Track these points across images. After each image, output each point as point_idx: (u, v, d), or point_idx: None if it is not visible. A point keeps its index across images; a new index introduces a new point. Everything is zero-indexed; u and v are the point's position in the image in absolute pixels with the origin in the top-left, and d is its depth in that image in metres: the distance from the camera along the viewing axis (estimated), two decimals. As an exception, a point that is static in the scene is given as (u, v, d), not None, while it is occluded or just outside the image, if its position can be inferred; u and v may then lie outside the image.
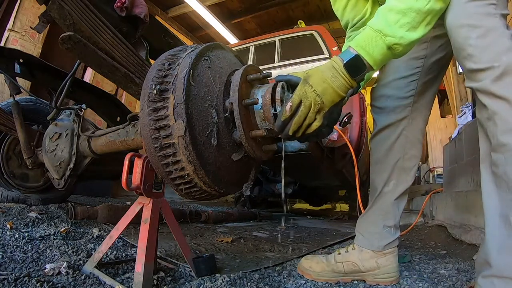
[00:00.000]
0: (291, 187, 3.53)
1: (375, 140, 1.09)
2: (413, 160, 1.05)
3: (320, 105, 0.74)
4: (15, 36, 3.38)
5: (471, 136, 1.91)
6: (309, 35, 3.49)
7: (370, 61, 0.74)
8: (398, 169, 1.03)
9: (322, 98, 0.74)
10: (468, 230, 1.53)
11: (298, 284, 0.98)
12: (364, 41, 0.75)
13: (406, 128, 1.03)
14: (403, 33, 0.72)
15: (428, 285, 0.99)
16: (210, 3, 5.46)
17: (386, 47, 0.73)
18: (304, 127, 0.76)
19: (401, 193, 1.04)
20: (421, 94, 1.03)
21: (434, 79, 1.04)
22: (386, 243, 1.01)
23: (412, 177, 1.06)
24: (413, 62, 1.02)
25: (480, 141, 0.80)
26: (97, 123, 1.66)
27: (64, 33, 0.93)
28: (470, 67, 0.74)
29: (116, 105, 1.86)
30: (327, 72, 0.75)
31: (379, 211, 1.04)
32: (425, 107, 1.06)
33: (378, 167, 1.07)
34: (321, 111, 0.75)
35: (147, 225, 0.84)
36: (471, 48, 0.73)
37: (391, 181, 1.03)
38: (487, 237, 0.76)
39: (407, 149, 1.04)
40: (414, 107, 1.03)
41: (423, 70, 1.02)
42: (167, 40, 1.58)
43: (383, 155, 1.06)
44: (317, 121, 0.75)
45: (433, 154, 3.74)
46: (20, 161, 1.72)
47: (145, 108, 0.73)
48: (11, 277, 0.77)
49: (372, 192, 1.09)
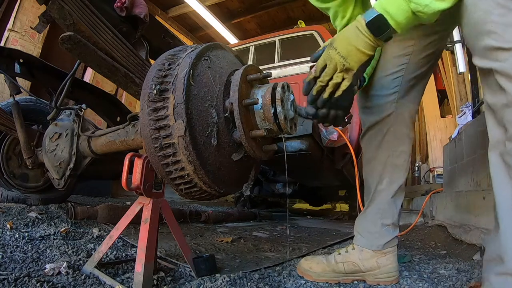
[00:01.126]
0: (291, 187, 3.53)
1: (364, 140, 1.10)
2: (403, 156, 1.04)
3: (346, 66, 0.75)
4: (15, 36, 3.38)
5: (471, 136, 1.91)
6: (309, 35, 3.49)
7: (393, 23, 0.73)
8: (390, 166, 1.03)
9: (347, 59, 0.75)
10: (468, 230, 1.52)
11: (298, 284, 0.98)
12: (387, 2, 0.73)
13: (392, 124, 1.02)
14: (429, 1, 0.69)
15: (428, 285, 0.99)
16: (210, 3, 5.45)
17: (411, 12, 0.71)
18: (332, 86, 0.77)
19: (396, 191, 1.03)
20: (407, 90, 1.03)
21: (422, 75, 1.04)
22: (386, 242, 1.01)
23: (404, 173, 1.06)
24: (399, 60, 1.01)
25: (490, 128, 0.74)
26: (97, 123, 1.66)
27: (64, 33, 0.93)
28: (490, 44, 0.67)
29: (116, 105, 1.86)
30: (350, 33, 0.75)
31: (376, 210, 1.04)
32: (411, 102, 1.05)
33: (370, 166, 1.07)
34: (349, 71, 0.76)
35: (147, 225, 0.84)
36: (492, 24, 0.66)
37: (384, 179, 1.03)
38: (502, 231, 0.70)
39: (396, 146, 1.03)
40: (399, 102, 1.02)
41: (409, 67, 1.01)
42: (167, 40, 1.58)
43: (373, 154, 1.06)
44: (346, 80, 0.76)
45: (433, 154, 3.73)
46: (20, 161, 1.72)
47: (145, 108, 0.73)
48: (11, 277, 0.77)
49: (367, 191, 1.09)
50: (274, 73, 0.90)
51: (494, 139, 0.73)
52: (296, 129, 0.95)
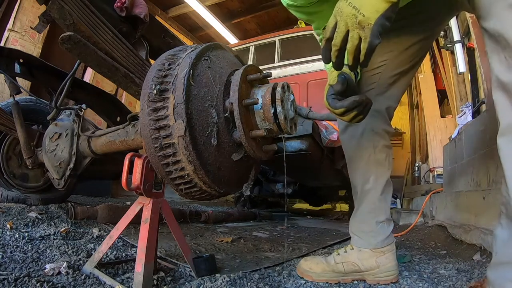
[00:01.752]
0: (291, 187, 3.53)
1: (343, 139, 1.09)
2: (385, 150, 1.03)
3: (360, 19, 0.60)
4: (15, 36, 3.38)
5: (471, 136, 1.91)
6: (309, 35, 3.49)
7: None
8: (373, 163, 1.02)
9: (360, 10, 0.60)
10: (468, 230, 1.52)
11: (298, 284, 0.98)
12: None
13: (369, 121, 0.97)
14: None
15: (428, 285, 0.99)
16: (210, 3, 5.46)
17: None
18: (352, 51, 0.64)
19: (383, 186, 1.02)
20: (386, 86, 1.01)
21: (404, 72, 1.02)
22: (382, 239, 1.01)
23: (388, 167, 1.04)
24: (380, 57, 1.00)
25: (503, 110, 0.64)
26: (97, 123, 1.66)
27: (64, 33, 0.93)
28: None
29: (116, 105, 1.86)
30: None
31: (368, 209, 1.03)
32: (389, 99, 1.03)
33: (353, 165, 1.06)
34: (364, 27, 0.61)
35: (147, 225, 0.84)
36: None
37: (370, 177, 1.02)
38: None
39: (376, 142, 1.02)
40: (376, 99, 0.96)
41: (389, 65, 1.00)
42: (167, 40, 1.58)
43: (354, 152, 1.05)
44: (364, 41, 0.61)
45: (433, 154, 3.72)
46: (20, 161, 1.72)
47: (145, 108, 0.73)
48: (11, 277, 0.77)
49: (353, 191, 1.08)
50: (274, 73, 0.89)
51: (507, 123, 0.63)
52: (296, 129, 0.95)
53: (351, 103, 0.80)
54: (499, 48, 0.62)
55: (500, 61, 0.62)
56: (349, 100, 0.80)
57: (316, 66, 3.36)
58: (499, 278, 0.65)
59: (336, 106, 0.82)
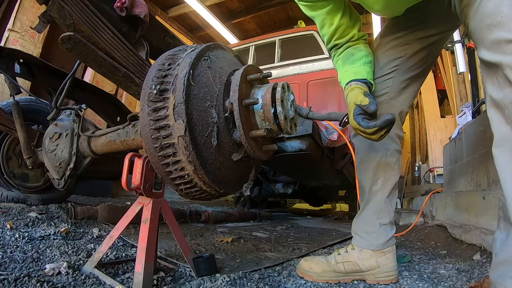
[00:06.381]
0: (291, 187, 3.53)
1: (356, 142, 1.10)
2: (395, 154, 1.06)
3: None
4: (15, 36, 3.38)
5: (471, 136, 1.91)
6: (309, 35, 3.49)
7: None
8: (383, 165, 1.04)
9: None
10: (468, 230, 1.52)
11: (298, 284, 0.98)
12: None
13: None
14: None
15: (428, 285, 0.99)
16: (210, 3, 5.45)
17: None
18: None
19: (391, 189, 1.04)
20: (398, 91, 1.03)
21: (415, 77, 1.04)
22: (384, 241, 1.01)
23: (397, 171, 1.06)
24: (392, 62, 1.02)
25: (496, 125, 0.70)
26: (97, 123, 1.66)
27: (64, 33, 0.93)
28: (501, 36, 0.65)
29: (116, 105, 1.86)
30: None
31: (373, 210, 1.04)
32: (402, 104, 1.05)
33: (364, 167, 1.08)
34: None
35: (147, 225, 0.84)
36: (503, 15, 0.65)
37: (378, 179, 1.04)
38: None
39: (388, 145, 1.04)
40: (390, 103, 1.02)
41: (400, 69, 1.02)
42: (167, 40, 1.58)
43: (366, 154, 1.06)
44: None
45: (433, 154, 3.73)
46: (20, 161, 1.72)
47: (145, 108, 0.73)
48: (11, 277, 0.77)
49: (361, 192, 1.10)
50: (274, 73, 0.89)
51: (500, 136, 0.70)
52: (296, 129, 0.95)
53: (384, 122, 0.82)
54: (491, 72, 0.69)
55: (493, 83, 0.70)
56: (382, 119, 0.82)
57: (316, 66, 3.36)
58: (500, 277, 0.67)
59: (369, 126, 0.83)
